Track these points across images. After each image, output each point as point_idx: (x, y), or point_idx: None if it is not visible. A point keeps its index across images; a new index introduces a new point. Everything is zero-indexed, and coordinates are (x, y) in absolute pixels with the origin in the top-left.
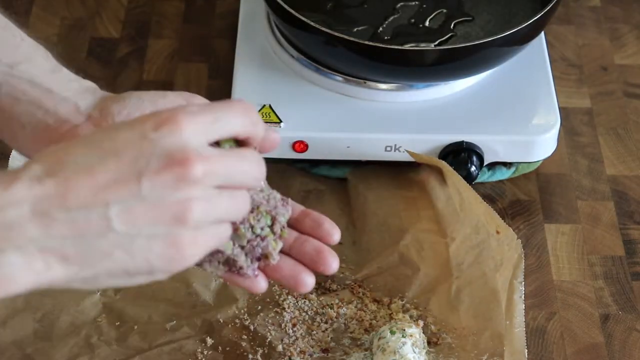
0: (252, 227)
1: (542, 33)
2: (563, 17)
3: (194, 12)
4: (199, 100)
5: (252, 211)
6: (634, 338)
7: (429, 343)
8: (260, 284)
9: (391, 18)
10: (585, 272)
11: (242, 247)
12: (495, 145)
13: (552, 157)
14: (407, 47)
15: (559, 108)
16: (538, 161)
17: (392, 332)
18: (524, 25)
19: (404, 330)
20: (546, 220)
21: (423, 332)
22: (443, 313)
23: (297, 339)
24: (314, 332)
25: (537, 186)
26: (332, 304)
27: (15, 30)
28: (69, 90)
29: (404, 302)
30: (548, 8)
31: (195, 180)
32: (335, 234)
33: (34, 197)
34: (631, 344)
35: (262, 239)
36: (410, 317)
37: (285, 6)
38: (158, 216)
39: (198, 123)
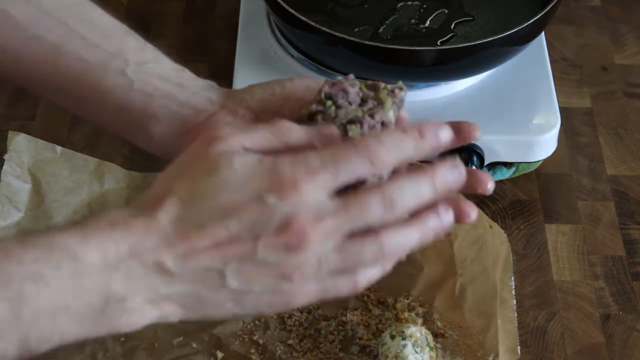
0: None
1: (542, 33)
2: (563, 17)
3: (194, 12)
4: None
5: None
6: (635, 338)
7: (435, 336)
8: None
9: (391, 18)
10: (586, 272)
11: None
12: (496, 145)
13: (553, 157)
14: (407, 47)
15: (559, 108)
16: (538, 161)
17: (392, 337)
18: (524, 25)
19: (403, 332)
20: (546, 220)
21: (428, 328)
22: (448, 311)
23: (305, 353)
24: (322, 344)
25: (537, 186)
26: (336, 314)
27: (137, 36)
28: (197, 87)
29: (409, 300)
30: (548, 8)
31: (308, 248)
32: (473, 215)
33: (160, 253)
34: (632, 345)
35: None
36: (416, 314)
37: (286, 6)
38: (269, 276)
39: (318, 184)
